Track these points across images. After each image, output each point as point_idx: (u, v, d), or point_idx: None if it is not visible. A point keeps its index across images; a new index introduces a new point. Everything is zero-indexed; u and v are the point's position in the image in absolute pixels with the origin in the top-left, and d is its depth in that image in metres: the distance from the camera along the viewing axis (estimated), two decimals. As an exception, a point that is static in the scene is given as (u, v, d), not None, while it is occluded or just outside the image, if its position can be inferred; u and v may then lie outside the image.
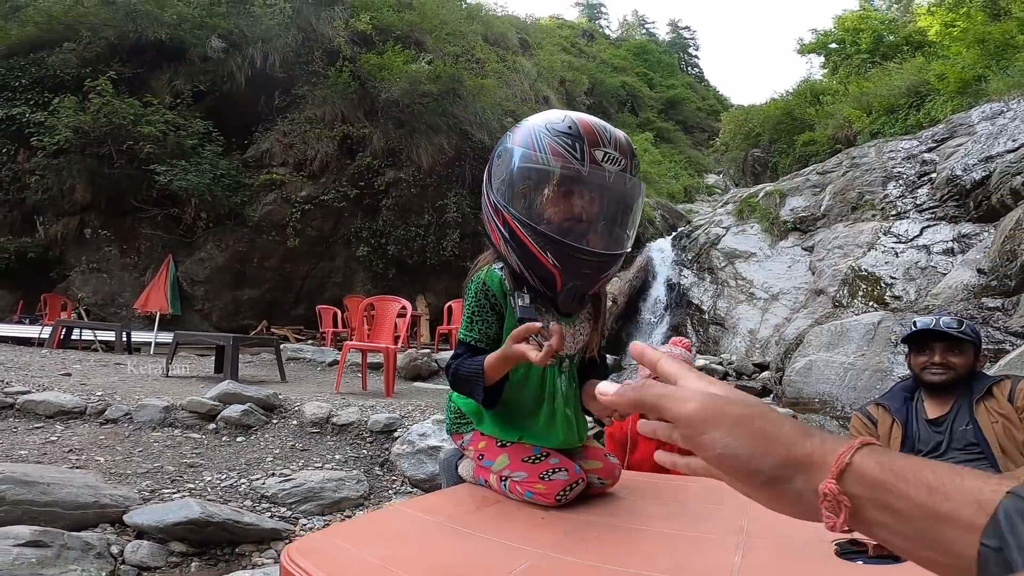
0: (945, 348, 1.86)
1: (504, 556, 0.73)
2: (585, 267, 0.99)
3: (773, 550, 0.80)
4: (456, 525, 0.87)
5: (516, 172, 1.01)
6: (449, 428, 1.17)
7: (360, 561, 0.70)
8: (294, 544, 0.75)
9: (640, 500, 1.09)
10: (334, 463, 3.22)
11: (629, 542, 0.83)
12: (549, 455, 1.02)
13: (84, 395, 3.51)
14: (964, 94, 11.09)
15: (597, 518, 0.95)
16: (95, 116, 8.03)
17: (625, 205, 1.03)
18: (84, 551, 1.96)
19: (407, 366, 5.69)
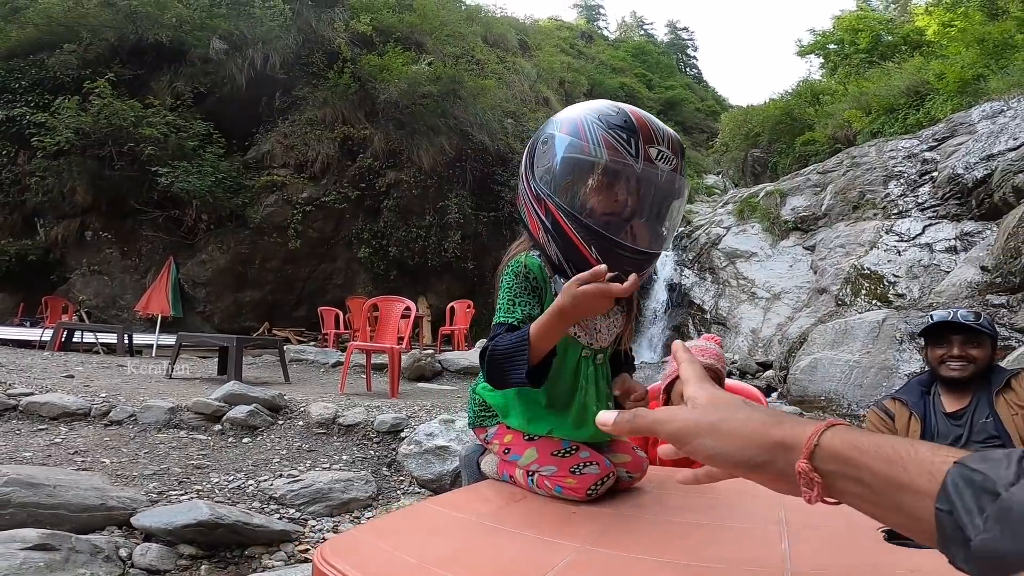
0: (963, 341, 1.85)
1: (543, 552, 0.71)
2: (627, 263, 0.96)
3: (819, 538, 0.79)
4: (489, 522, 0.84)
5: (564, 161, 0.97)
6: (472, 422, 1.14)
7: (397, 560, 0.68)
8: (328, 543, 0.72)
9: (669, 493, 1.07)
10: (341, 464, 3.19)
11: (669, 535, 0.82)
12: (579, 448, 1.00)
13: (88, 397, 3.49)
14: (964, 93, 11.10)
15: (630, 511, 0.93)
16: (96, 118, 8.01)
17: (671, 204, 1.01)
18: (93, 554, 1.93)
19: (411, 367, 5.67)
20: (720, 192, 20.49)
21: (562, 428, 1.03)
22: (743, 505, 0.99)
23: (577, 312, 0.88)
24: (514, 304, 1.00)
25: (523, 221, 1.07)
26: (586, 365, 1.06)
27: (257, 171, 9.46)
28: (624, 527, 0.85)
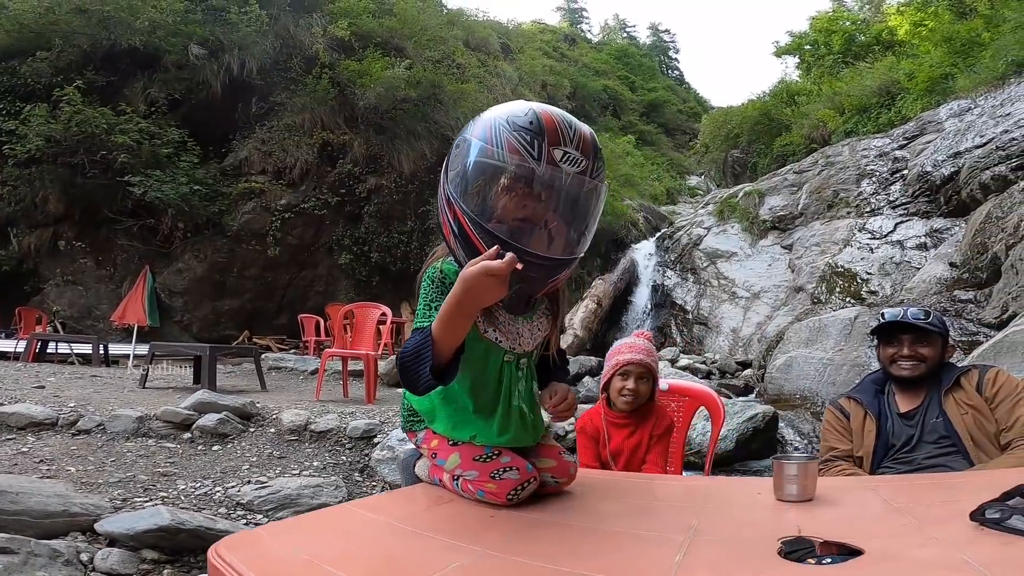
0: (913, 340, 1.83)
1: (443, 553, 0.73)
2: (534, 270, 0.94)
3: (718, 548, 0.80)
4: (403, 524, 0.86)
5: (471, 166, 0.97)
6: (403, 426, 1.15)
7: (289, 557, 0.69)
8: (224, 540, 0.74)
9: (595, 498, 1.08)
10: (312, 470, 3.20)
11: (574, 540, 0.83)
12: (500, 454, 1.01)
13: (56, 407, 3.45)
14: (933, 92, 11.28)
15: (547, 516, 0.95)
16: (66, 125, 7.91)
17: (581, 208, 0.99)
18: (52, 558, 1.93)
19: (390, 372, 5.66)
20: (702, 193, 20.69)
21: (486, 434, 1.04)
22: (662, 512, 1.01)
23: (471, 297, 0.86)
24: (429, 309, 0.99)
25: (439, 225, 1.07)
26: (509, 370, 1.06)
27: (234, 178, 9.39)
28: (532, 533, 0.86)
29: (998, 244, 5.53)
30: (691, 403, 2.10)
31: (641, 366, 1.79)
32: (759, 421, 4.22)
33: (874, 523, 0.82)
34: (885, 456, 1.82)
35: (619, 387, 1.81)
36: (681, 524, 0.90)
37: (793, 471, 0.99)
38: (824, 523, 0.83)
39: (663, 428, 1.83)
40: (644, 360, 1.79)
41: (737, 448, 4.04)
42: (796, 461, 1.01)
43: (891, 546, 0.70)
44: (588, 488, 1.12)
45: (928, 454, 1.75)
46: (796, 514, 0.91)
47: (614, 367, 1.82)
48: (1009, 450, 1.63)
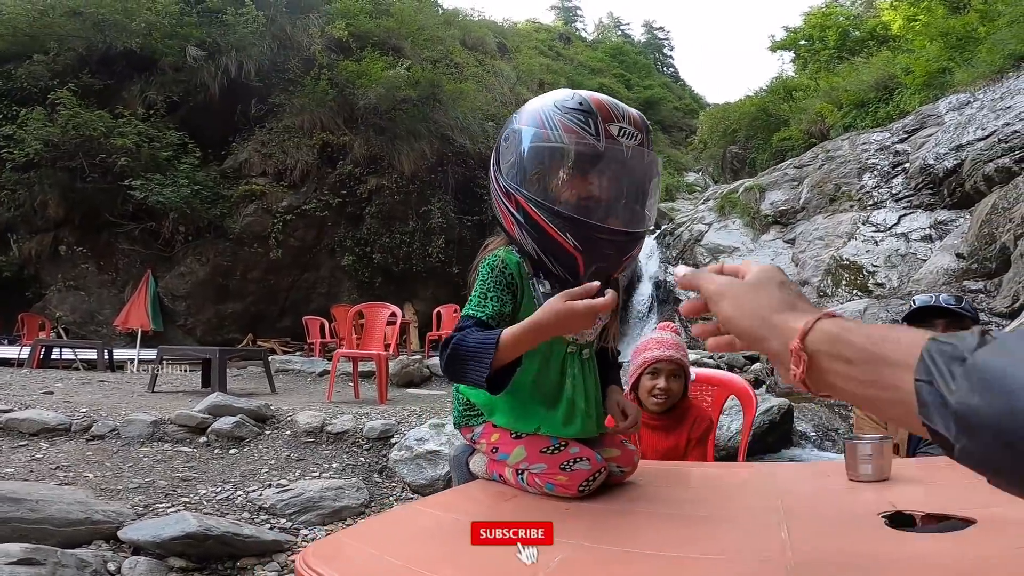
0: (947, 325, 1.82)
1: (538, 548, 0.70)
2: (608, 247, 0.95)
3: (820, 524, 0.77)
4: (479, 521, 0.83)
5: (527, 153, 0.96)
6: (457, 421, 1.10)
7: (383, 564, 0.66)
8: (311, 548, 0.70)
9: (662, 487, 1.05)
10: (332, 472, 3.16)
11: (666, 527, 0.80)
12: (568, 444, 0.97)
13: (68, 412, 3.41)
14: (930, 86, 11.31)
15: (624, 506, 0.92)
16: (63, 128, 7.85)
17: (644, 181, 0.99)
18: (80, 568, 1.88)
19: (399, 373, 5.63)
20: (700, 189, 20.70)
21: (550, 425, 1.01)
22: (739, 495, 0.99)
23: (558, 329, 0.84)
24: (485, 298, 0.96)
25: (498, 221, 1.05)
26: (571, 361, 1.03)
27: (235, 180, 9.33)
28: (619, 522, 0.83)
29: (1006, 234, 5.53)
30: (720, 393, 2.00)
31: (672, 363, 1.66)
32: (775, 414, 4.20)
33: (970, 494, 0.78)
34: (920, 441, 1.81)
35: (649, 387, 1.67)
36: (765, 506, 0.87)
37: (868, 450, 0.96)
38: (916, 498, 0.80)
39: (702, 430, 1.70)
40: (674, 356, 1.66)
41: (753, 441, 4.01)
42: (870, 440, 0.98)
43: (1008, 513, 0.67)
44: (649, 478, 1.09)
45: None
46: (881, 492, 0.88)
47: (642, 365, 1.68)
48: None
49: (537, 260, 0.99)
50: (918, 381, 0.39)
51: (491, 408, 1.05)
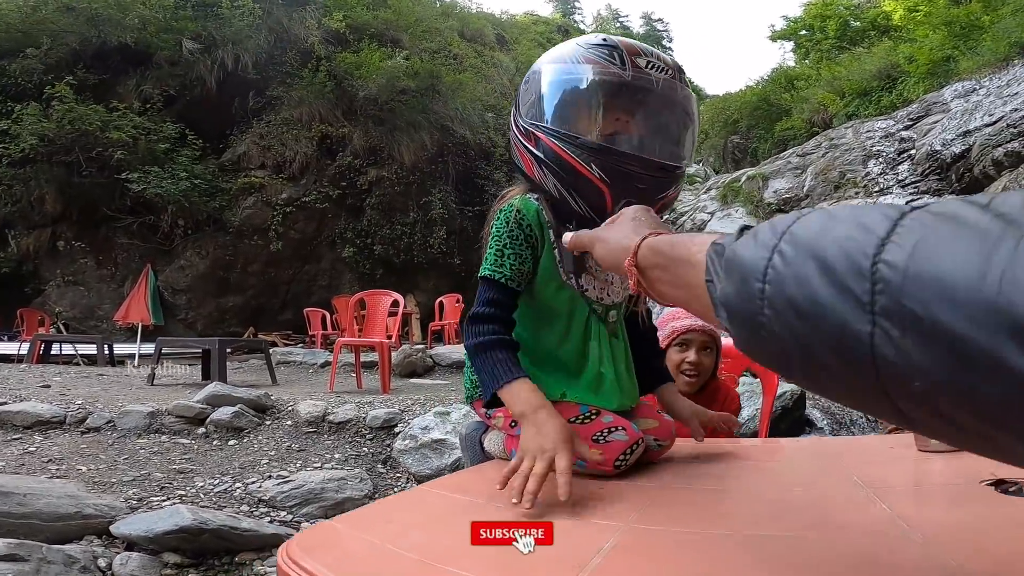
0: None
1: (580, 533, 0.58)
2: (639, 181, 0.85)
3: (918, 496, 0.67)
4: (501, 503, 0.70)
5: (549, 88, 0.89)
6: (470, 394, 0.98)
7: (384, 555, 0.54)
8: (296, 538, 0.58)
9: (708, 464, 0.91)
10: (334, 462, 3.07)
11: (734, 504, 0.69)
12: (600, 413, 0.86)
13: (63, 405, 3.32)
14: (934, 75, 11.36)
15: (673, 482, 0.79)
16: (59, 123, 7.75)
17: (678, 114, 0.90)
18: (67, 565, 1.80)
19: (402, 363, 5.54)
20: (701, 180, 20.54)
21: (576, 392, 0.89)
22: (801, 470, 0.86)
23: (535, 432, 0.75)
24: (502, 256, 0.87)
25: (518, 168, 0.96)
26: (596, 324, 0.93)
27: (234, 173, 9.23)
28: (672, 500, 0.71)
29: (1020, 217, 5.43)
30: (734, 365, 1.82)
31: (704, 333, 1.50)
32: (787, 400, 4.09)
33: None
34: None
35: (677, 361, 1.50)
36: (839, 479, 0.76)
37: None
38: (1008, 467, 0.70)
39: (732, 412, 1.54)
40: (707, 326, 1.49)
41: (766, 429, 3.93)
42: None
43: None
44: (687, 455, 0.97)
45: None
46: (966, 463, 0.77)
47: (670, 336, 1.53)
48: None
49: (559, 200, 0.89)
50: (707, 282, 0.40)
51: None
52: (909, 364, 0.26)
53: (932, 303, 0.25)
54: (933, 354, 0.25)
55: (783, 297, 0.31)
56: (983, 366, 0.23)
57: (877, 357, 0.27)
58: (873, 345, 0.27)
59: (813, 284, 0.30)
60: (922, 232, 0.27)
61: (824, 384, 0.32)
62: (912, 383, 0.26)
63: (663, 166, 0.88)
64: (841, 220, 0.31)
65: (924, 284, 0.25)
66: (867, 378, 0.28)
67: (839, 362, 0.29)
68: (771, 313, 0.32)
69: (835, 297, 0.29)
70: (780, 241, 0.33)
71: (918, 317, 0.25)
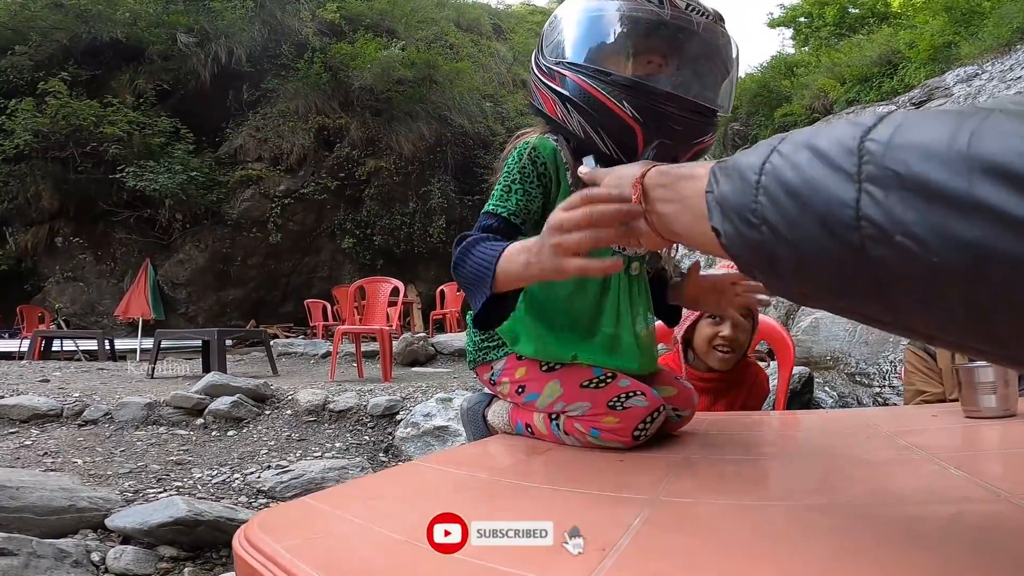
0: None
1: (604, 508, 0.50)
2: (674, 122, 0.78)
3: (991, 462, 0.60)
4: (511, 479, 0.62)
5: (579, 25, 0.82)
6: (472, 358, 0.90)
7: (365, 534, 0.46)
8: (257, 516, 0.50)
9: (736, 433, 0.84)
10: (335, 451, 3.01)
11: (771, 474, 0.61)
12: (616, 376, 0.79)
13: (60, 398, 3.27)
14: (936, 60, 11.35)
15: (697, 453, 0.71)
16: (53, 118, 7.68)
17: (716, 60, 0.84)
18: (58, 559, 1.73)
19: (403, 351, 5.47)
20: (703, 167, 20.43)
21: (589, 353, 0.82)
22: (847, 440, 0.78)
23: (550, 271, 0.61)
24: (509, 192, 0.81)
25: (537, 110, 0.88)
26: (618, 280, 0.85)
27: (231, 166, 9.16)
28: (701, 472, 0.64)
29: None
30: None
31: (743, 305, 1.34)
32: (796, 382, 4.01)
33: None
34: None
35: (710, 335, 1.34)
36: (894, 446, 0.69)
37: (991, 377, 0.77)
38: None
39: (759, 399, 1.43)
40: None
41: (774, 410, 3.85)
42: (992, 366, 0.78)
43: None
44: (708, 425, 0.89)
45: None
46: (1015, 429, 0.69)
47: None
48: None
49: (585, 139, 0.82)
50: (707, 192, 0.42)
51: (514, 335, 0.86)
52: (892, 219, 0.28)
53: (911, 162, 0.28)
54: (914, 204, 0.27)
55: (777, 183, 0.34)
56: (959, 205, 0.26)
57: (862, 220, 0.29)
58: (859, 209, 0.29)
59: (805, 167, 0.33)
60: (905, 118, 0.30)
61: (806, 274, 0.33)
62: (894, 238, 0.28)
63: (700, 108, 0.81)
64: (834, 124, 0.34)
65: (905, 149, 0.28)
66: (850, 249, 0.30)
67: (825, 235, 0.31)
68: (764, 200, 0.34)
69: (826, 174, 0.31)
70: (779, 143, 0.36)
71: (899, 175, 0.28)
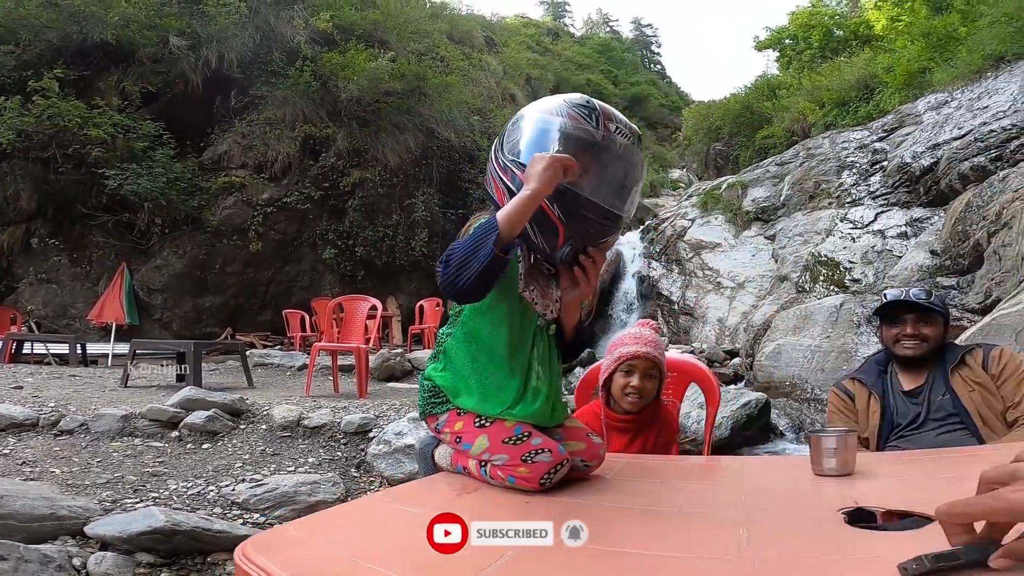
0: (916, 319, 1.84)
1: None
2: (589, 226, 1.01)
3: (779, 522, 0.77)
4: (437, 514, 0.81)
5: (531, 133, 1.03)
6: (422, 410, 1.12)
7: (328, 556, 0.64)
8: (252, 539, 0.68)
9: (627, 481, 1.05)
10: (308, 466, 3.13)
11: (626, 523, 0.80)
12: (531, 435, 0.99)
13: (36, 407, 3.33)
14: (910, 86, 11.42)
15: (586, 500, 0.91)
16: (38, 119, 7.65)
17: (630, 176, 1.06)
18: (43, 564, 1.85)
19: (380, 367, 5.59)
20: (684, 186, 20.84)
21: (514, 398, 1.03)
22: (702, 491, 0.99)
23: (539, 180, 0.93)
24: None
25: (489, 196, 1.10)
26: (542, 337, 1.08)
27: (214, 172, 9.17)
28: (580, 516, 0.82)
29: (980, 232, 5.63)
30: (681, 379, 1.92)
31: (648, 360, 1.58)
32: (752, 408, 4.25)
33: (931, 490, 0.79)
34: (890, 434, 1.83)
35: (622, 384, 1.60)
36: (727, 501, 0.87)
37: (832, 444, 0.97)
38: (878, 494, 0.81)
39: (670, 435, 1.66)
40: (652, 353, 1.58)
41: (732, 435, 4.06)
42: (834, 434, 0.98)
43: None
44: (614, 472, 1.09)
45: (936, 432, 1.75)
46: (844, 488, 0.88)
47: (616, 361, 1.61)
48: (1017, 426, 1.65)
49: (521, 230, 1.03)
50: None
51: (456, 390, 1.06)
52: None
53: None
54: None
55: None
56: None
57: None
58: None
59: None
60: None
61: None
62: None
63: (612, 216, 1.03)
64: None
65: None
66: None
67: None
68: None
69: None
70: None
71: None
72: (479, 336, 1.05)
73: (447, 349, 1.09)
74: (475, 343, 1.05)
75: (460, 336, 1.08)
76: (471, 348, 1.05)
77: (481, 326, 1.05)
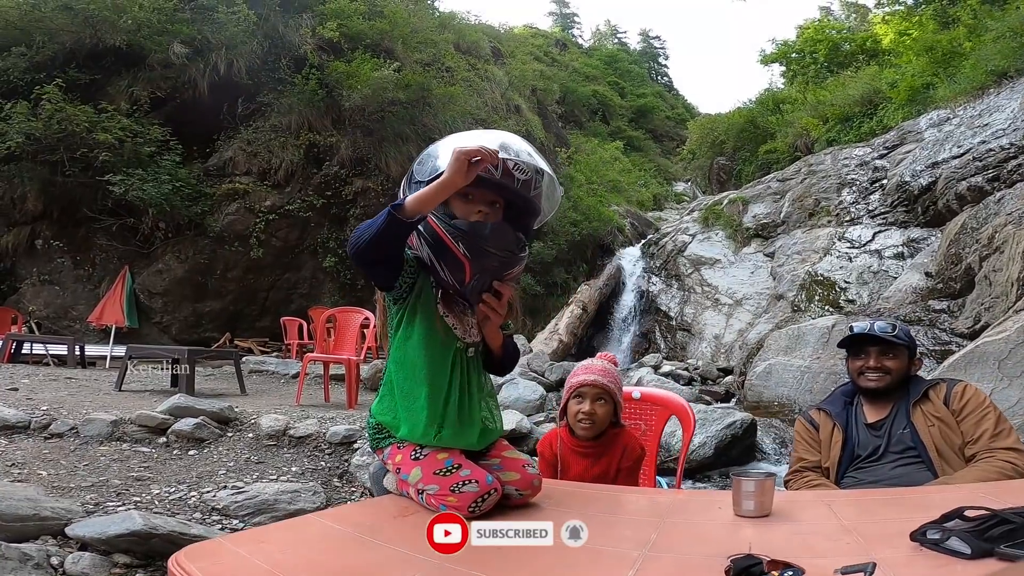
0: (879, 352, 1.86)
1: (401, 565, 0.74)
2: (492, 260, 1.09)
3: (670, 565, 0.82)
4: (365, 535, 0.87)
5: (435, 172, 1.09)
6: (372, 445, 1.22)
7: (249, 566, 0.70)
8: (185, 549, 0.74)
9: (557, 511, 1.09)
10: (291, 475, 3.18)
11: (528, 556, 0.85)
12: (460, 467, 1.05)
13: (28, 409, 3.40)
14: (914, 102, 11.23)
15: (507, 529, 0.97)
16: (47, 122, 7.79)
17: (528, 209, 1.15)
18: (22, 561, 1.92)
19: (372, 376, 5.63)
20: (689, 199, 20.88)
21: (448, 426, 1.10)
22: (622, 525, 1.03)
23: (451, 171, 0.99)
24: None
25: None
26: (462, 357, 1.15)
27: (218, 179, 9.29)
28: (490, 547, 0.87)
29: (972, 255, 5.65)
30: (663, 412, 2.06)
31: (596, 387, 1.67)
32: (737, 428, 4.27)
33: (822, 541, 0.84)
34: (850, 466, 1.86)
35: (575, 411, 1.68)
36: (639, 539, 0.91)
37: (751, 487, 1.02)
38: (775, 540, 0.86)
39: (633, 459, 1.72)
40: (599, 380, 1.67)
41: (716, 455, 4.08)
42: (754, 478, 1.04)
43: (830, 565, 0.73)
44: (553, 501, 1.14)
45: (893, 464, 1.78)
46: (751, 530, 0.94)
47: (569, 389, 1.72)
48: (973, 463, 1.67)
49: (429, 266, 1.12)
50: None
51: (396, 424, 1.14)
52: None
53: None
54: None
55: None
56: None
57: None
58: None
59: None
60: None
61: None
62: None
63: (512, 249, 1.11)
64: None
65: None
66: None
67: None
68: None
69: None
70: None
71: None
72: (405, 361, 1.13)
73: (389, 377, 1.17)
74: (404, 368, 1.13)
75: (392, 364, 1.16)
76: (401, 373, 1.13)
77: (406, 351, 1.12)
